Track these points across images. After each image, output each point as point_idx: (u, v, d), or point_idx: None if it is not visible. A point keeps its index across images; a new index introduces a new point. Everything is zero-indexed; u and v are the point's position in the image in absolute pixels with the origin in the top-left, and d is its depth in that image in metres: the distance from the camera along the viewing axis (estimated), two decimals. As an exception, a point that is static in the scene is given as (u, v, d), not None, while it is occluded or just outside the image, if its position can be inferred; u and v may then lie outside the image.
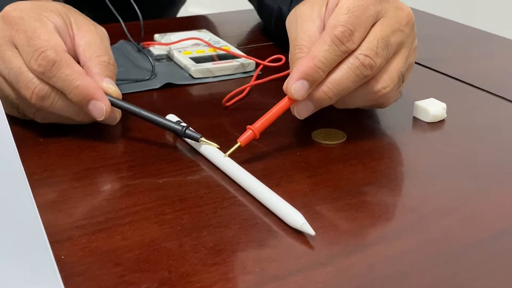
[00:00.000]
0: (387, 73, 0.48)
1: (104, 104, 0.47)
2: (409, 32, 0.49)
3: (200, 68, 0.62)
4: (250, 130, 0.46)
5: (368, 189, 0.44)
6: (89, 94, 0.47)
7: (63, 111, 0.48)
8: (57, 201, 0.41)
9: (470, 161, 0.48)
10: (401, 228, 0.40)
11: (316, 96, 0.47)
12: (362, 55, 0.46)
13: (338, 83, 0.46)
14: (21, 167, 0.35)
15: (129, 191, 0.42)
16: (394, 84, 0.48)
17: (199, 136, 0.47)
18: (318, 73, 0.46)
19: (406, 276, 0.35)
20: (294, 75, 0.46)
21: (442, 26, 0.85)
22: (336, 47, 0.46)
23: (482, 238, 0.39)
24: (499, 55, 0.74)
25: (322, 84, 0.47)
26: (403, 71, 0.49)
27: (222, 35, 0.74)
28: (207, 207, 0.41)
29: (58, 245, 0.37)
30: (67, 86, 0.46)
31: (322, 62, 0.45)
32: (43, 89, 0.47)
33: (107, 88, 0.49)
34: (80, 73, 0.47)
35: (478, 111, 0.57)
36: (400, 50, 0.48)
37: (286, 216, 0.39)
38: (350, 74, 0.46)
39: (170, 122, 0.48)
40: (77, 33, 0.51)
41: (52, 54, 0.46)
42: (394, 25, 0.47)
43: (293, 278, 0.35)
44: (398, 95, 0.51)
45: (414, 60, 0.51)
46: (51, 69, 0.46)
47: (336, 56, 0.46)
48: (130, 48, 0.68)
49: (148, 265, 0.35)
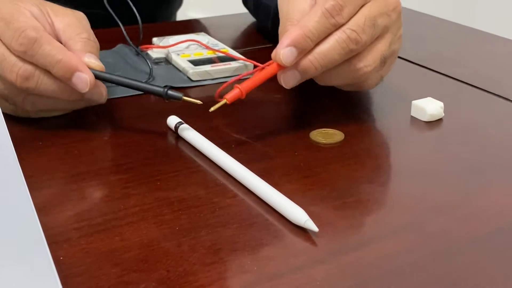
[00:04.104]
0: (371, 53, 0.50)
1: (88, 75, 0.49)
2: (396, 19, 0.51)
3: (199, 71, 0.62)
4: (237, 89, 0.48)
5: (366, 188, 0.44)
6: (72, 66, 0.48)
7: (49, 90, 0.49)
8: (56, 203, 0.41)
9: (468, 160, 0.48)
10: (399, 226, 0.40)
11: (302, 65, 0.48)
12: (350, 29, 0.48)
13: (325, 54, 0.48)
14: (20, 170, 0.35)
15: (127, 192, 0.43)
16: (375, 65, 0.50)
17: (181, 95, 0.49)
18: (307, 41, 0.47)
19: (404, 273, 0.35)
20: (284, 42, 0.47)
21: (439, 26, 0.85)
22: (326, 19, 0.47)
23: (480, 235, 0.39)
24: (495, 54, 0.74)
25: (309, 54, 0.48)
26: (385, 55, 0.51)
27: (220, 38, 0.74)
28: (205, 207, 0.41)
29: (57, 246, 0.37)
30: (50, 61, 0.48)
31: (311, 32, 0.47)
32: (26, 69, 0.48)
33: (89, 62, 0.50)
34: (62, 48, 0.49)
35: (476, 109, 0.58)
36: (385, 34, 0.51)
37: (289, 213, 0.39)
38: (337, 47, 0.48)
39: (151, 86, 0.51)
40: (55, 19, 0.52)
41: (32, 33, 0.48)
42: (382, 9, 0.50)
43: (292, 276, 0.35)
44: (379, 80, 0.53)
45: (398, 48, 0.53)
46: (32, 46, 0.47)
47: (325, 28, 0.48)
48: (129, 51, 0.68)
49: (146, 265, 0.35)
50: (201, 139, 0.48)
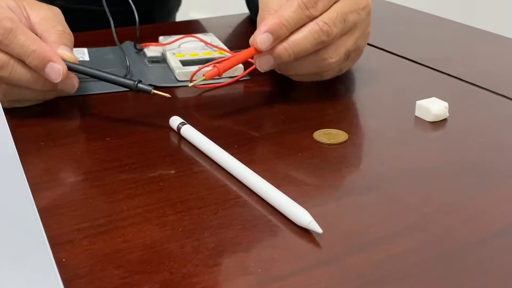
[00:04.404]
0: (338, 46, 0.54)
1: (61, 65, 0.50)
2: (365, 17, 0.55)
3: (185, 71, 0.61)
4: (215, 68, 0.52)
5: (370, 189, 0.43)
6: (46, 57, 0.50)
7: (22, 80, 0.51)
8: (58, 204, 0.41)
9: (473, 160, 0.48)
10: (404, 227, 0.39)
11: (277, 51, 0.52)
12: (322, 22, 0.52)
13: (298, 42, 0.52)
14: (22, 171, 0.35)
15: (130, 193, 0.42)
16: (340, 58, 0.55)
17: (150, 89, 0.51)
18: (282, 29, 0.51)
19: (409, 275, 0.35)
20: (261, 28, 0.52)
21: (443, 26, 0.85)
22: (301, 10, 0.52)
23: (485, 236, 0.38)
24: (500, 54, 0.74)
25: (284, 41, 0.52)
26: (350, 50, 0.55)
27: (222, 38, 0.74)
28: (209, 208, 0.41)
29: (60, 248, 0.36)
30: (24, 51, 0.49)
31: (287, 21, 0.51)
32: (1, 58, 0.50)
33: (63, 54, 0.52)
34: (36, 39, 0.51)
35: (480, 110, 0.57)
36: (353, 30, 0.55)
37: (293, 214, 0.39)
38: (309, 37, 0.52)
39: (121, 78, 0.52)
40: (31, 12, 0.54)
41: (8, 23, 0.49)
42: (353, 6, 0.54)
43: (296, 278, 0.34)
44: (338, 72, 0.58)
45: (364, 44, 0.58)
46: (8, 36, 0.49)
47: (300, 18, 0.52)
48: (132, 49, 0.68)
49: (149, 266, 0.35)
50: (203, 140, 0.48)
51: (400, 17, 0.87)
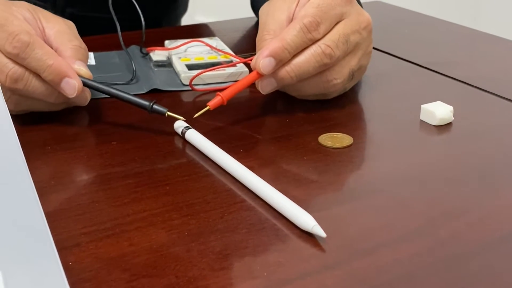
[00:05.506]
0: (341, 67, 0.54)
1: (76, 81, 0.50)
2: (366, 36, 0.55)
3: (190, 75, 0.61)
4: (219, 97, 0.52)
5: (375, 193, 0.43)
6: (62, 72, 0.50)
7: (36, 92, 0.51)
8: (65, 208, 0.41)
9: (478, 164, 0.48)
10: (409, 231, 0.39)
11: (279, 74, 0.52)
12: (324, 44, 0.52)
13: (300, 65, 0.52)
14: (29, 175, 0.35)
15: (136, 197, 0.43)
16: (344, 78, 0.55)
17: (165, 110, 0.51)
18: (285, 53, 0.51)
19: (414, 279, 0.35)
20: (264, 53, 0.51)
21: (448, 30, 0.85)
22: (303, 34, 0.51)
23: (491, 240, 0.38)
24: (505, 57, 0.74)
25: (286, 65, 0.52)
26: (354, 70, 0.55)
27: (228, 42, 0.74)
28: (214, 212, 0.41)
29: (66, 251, 0.37)
30: (41, 65, 0.49)
31: (289, 45, 0.51)
32: (16, 71, 0.50)
33: (78, 69, 0.52)
34: (53, 54, 0.51)
35: (485, 113, 0.57)
36: (356, 50, 0.55)
37: (297, 218, 0.39)
38: (312, 60, 0.52)
39: (137, 98, 0.52)
40: (46, 25, 0.54)
41: (25, 37, 0.49)
42: (355, 27, 0.54)
43: (301, 282, 0.34)
44: (342, 91, 0.57)
45: (366, 63, 0.58)
46: (25, 50, 0.49)
47: (302, 41, 0.51)
48: (138, 53, 0.69)
49: (155, 270, 0.35)
50: (208, 144, 0.48)
51: (405, 21, 0.87)
